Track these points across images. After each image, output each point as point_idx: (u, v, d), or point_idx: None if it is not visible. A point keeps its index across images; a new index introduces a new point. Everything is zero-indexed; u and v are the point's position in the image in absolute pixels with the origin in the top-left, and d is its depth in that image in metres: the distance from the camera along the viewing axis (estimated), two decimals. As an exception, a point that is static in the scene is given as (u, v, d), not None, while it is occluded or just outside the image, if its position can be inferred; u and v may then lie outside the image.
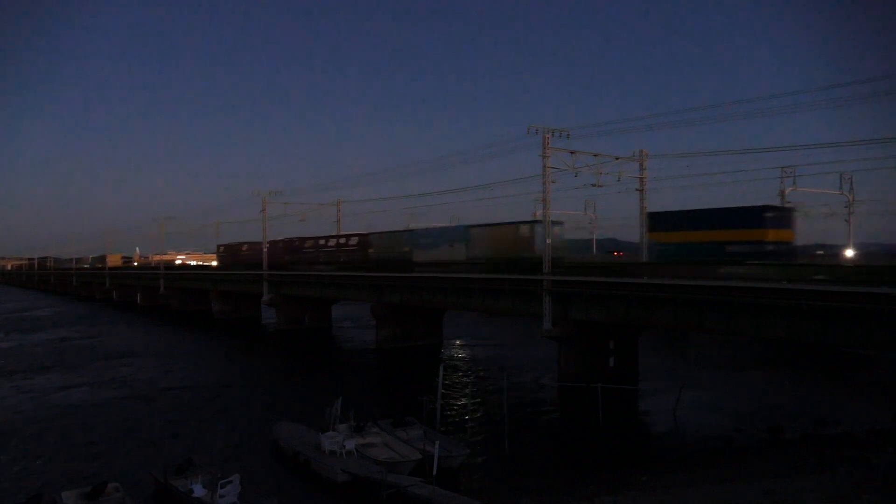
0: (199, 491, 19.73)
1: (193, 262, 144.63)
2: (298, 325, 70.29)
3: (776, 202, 38.16)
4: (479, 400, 36.31)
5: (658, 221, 45.28)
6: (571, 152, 40.97)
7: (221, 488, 19.23)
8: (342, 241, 68.19)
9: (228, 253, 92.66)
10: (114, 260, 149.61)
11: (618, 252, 75.02)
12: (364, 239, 64.51)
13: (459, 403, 35.23)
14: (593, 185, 42.63)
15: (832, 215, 43.36)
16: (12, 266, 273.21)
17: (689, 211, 44.48)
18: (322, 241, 71.12)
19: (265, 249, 75.28)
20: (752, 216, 41.91)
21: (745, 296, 30.38)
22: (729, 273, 34.43)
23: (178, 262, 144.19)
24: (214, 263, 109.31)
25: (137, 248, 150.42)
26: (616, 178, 42.90)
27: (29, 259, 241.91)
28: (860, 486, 18.34)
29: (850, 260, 44.57)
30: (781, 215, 43.20)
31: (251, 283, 78.67)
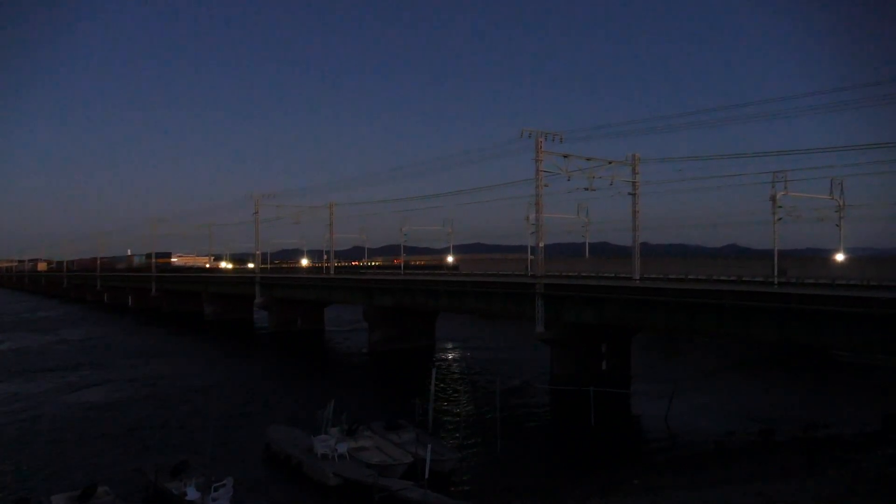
0: (192, 494, 19.63)
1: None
2: (291, 328, 70.10)
3: (767, 207, 39.74)
4: (471, 402, 36.30)
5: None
6: (564, 156, 41.13)
7: (214, 491, 19.20)
8: (105, 260, 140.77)
9: (61, 266, 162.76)
10: (41, 266, 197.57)
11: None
12: (94, 261, 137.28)
13: (452, 406, 35.23)
14: (586, 189, 42.79)
15: (822, 220, 43.47)
16: None
17: (160, 253, 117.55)
18: (104, 260, 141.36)
19: (258, 252, 76.59)
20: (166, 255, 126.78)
21: (735, 299, 30.58)
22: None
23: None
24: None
25: (129, 250, 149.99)
26: (609, 181, 43.06)
27: (19, 261, 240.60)
28: (850, 489, 18.43)
29: (840, 264, 44.79)
30: (181, 256, 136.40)
31: (243, 285, 78.65)
